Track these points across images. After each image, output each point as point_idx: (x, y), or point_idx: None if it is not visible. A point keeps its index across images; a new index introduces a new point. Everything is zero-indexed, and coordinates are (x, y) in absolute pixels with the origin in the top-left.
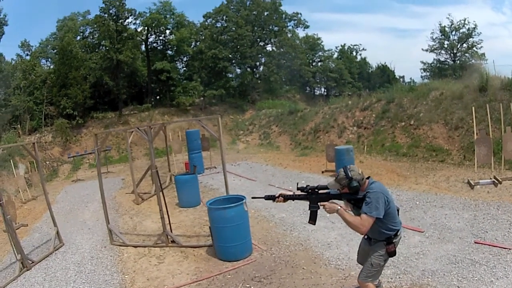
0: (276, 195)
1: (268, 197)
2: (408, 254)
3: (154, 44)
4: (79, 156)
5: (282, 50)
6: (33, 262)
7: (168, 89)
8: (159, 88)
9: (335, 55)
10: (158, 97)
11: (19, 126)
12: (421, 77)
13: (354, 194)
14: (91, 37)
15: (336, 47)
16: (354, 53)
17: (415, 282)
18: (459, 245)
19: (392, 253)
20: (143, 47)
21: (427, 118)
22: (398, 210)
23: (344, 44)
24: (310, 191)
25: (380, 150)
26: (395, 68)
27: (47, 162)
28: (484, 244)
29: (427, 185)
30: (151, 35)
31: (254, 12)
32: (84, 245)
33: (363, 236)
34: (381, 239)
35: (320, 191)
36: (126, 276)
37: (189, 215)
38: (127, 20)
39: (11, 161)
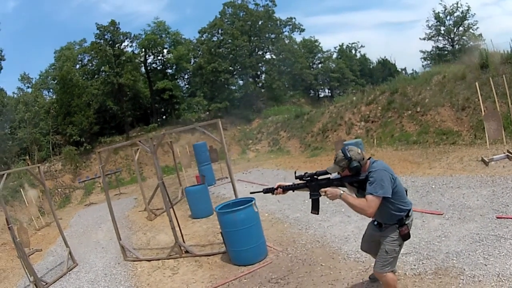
0: (275, 187)
1: (266, 190)
2: (429, 238)
3: (154, 65)
4: (89, 180)
5: (281, 56)
6: (46, 284)
7: (173, 108)
8: (163, 108)
9: (335, 55)
10: (164, 116)
11: (27, 157)
12: (423, 66)
13: (355, 176)
14: (90, 64)
15: (335, 48)
16: (353, 51)
17: (439, 266)
18: (481, 222)
19: (406, 236)
20: (143, 69)
21: (432, 103)
22: (406, 191)
23: (342, 43)
24: (309, 178)
25: (390, 141)
26: (396, 61)
27: (59, 190)
28: (507, 218)
29: (441, 168)
30: (149, 56)
31: (249, 22)
32: (98, 263)
33: (371, 221)
34: (392, 222)
35: (320, 177)
36: None
37: (202, 225)
38: (123, 44)
39: (22, 190)
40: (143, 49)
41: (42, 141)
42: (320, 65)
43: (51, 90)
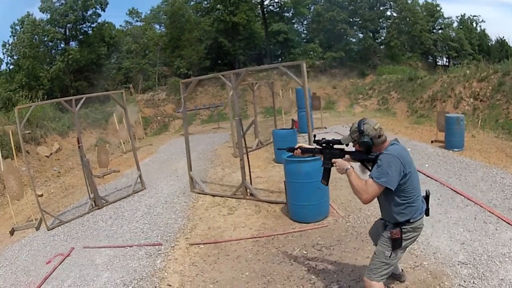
0: (296, 147)
1: (290, 149)
2: (494, 253)
3: (270, 7)
4: (190, 111)
5: (402, 14)
6: (106, 202)
7: (288, 51)
8: (279, 50)
9: (455, 24)
10: (280, 59)
11: (131, 85)
12: None
13: (365, 153)
14: (204, 2)
15: (457, 17)
16: (474, 24)
17: None
18: None
19: (396, 241)
20: (259, 11)
21: None
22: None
23: (464, 14)
24: (324, 145)
25: (494, 126)
26: None
27: (159, 118)
28: None
29: None
30: None
31: None
32: (165, 190)
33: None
34: (391, 222)
35: (335, 146)
36: (190, 222)
37: (281, 170)
38: None
39: (115, 115)
40: None
41: (150, 72)
42: (440, 31)
43: (162, 24)
